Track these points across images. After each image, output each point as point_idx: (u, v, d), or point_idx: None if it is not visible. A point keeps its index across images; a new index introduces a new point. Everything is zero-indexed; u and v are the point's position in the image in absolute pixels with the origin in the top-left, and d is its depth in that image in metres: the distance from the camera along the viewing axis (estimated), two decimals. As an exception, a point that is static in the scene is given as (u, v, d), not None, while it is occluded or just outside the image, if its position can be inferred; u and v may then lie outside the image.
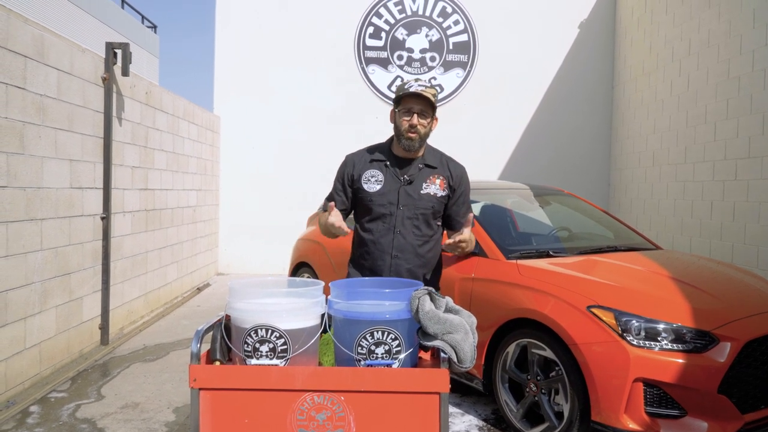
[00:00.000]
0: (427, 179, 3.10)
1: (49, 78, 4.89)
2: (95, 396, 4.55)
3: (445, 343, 2.22)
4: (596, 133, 10.86)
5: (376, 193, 3.07)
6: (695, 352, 3.36)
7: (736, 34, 6.90)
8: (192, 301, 8.23)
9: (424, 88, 3.00)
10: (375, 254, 3.09)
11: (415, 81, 3.04)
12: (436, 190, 3.10)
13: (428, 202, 3.08)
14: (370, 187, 3.08)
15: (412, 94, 2.98)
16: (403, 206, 3.05)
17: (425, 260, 3.14)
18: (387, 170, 3.09)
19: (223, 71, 10.60)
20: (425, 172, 3.11)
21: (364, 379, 2.18)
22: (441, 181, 3.12)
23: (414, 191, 3.07)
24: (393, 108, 3.12)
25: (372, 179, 3.09)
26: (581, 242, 5.04)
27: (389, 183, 3.07)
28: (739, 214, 6.76)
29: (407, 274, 3.07)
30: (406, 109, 3.01)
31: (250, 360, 2.21)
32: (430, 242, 3.15)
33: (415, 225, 3.07)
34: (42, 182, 4.80)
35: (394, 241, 3.06)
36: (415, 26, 10.65)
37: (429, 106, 3.03)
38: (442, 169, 3.16)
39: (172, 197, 7.96)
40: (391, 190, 3.06)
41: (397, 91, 3.08)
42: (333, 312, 2.32)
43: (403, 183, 3.07)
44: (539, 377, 3.78)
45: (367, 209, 3.10)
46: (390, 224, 3.06)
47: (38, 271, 4.78)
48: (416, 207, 3.06)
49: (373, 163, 3.13)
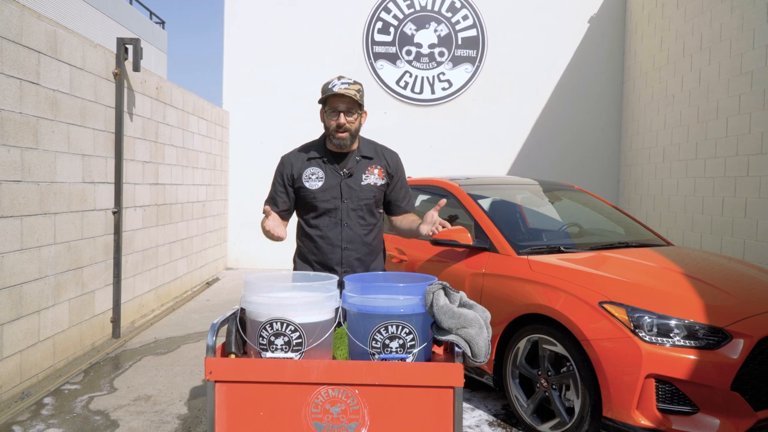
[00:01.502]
0: (365, 170, 3.18)
1: (61, 73, 4.92)
2: (108, 388, 4.58)
3: (460, 337, 2.23)
4: (605, 128, 10.82)
5: (318, 190, 3.11)
6: (708, 348, 3.34)
7: (749, 28, 6.86)
8: (202, 295, 8.26)
9: (347, 86, 3.03)
10: (325, 248, 3.14)
11: (338, 80, 3.07)
12: (375, 179, 3.19)
13: (370, 192, 3.16)
14: (311, 184, 3.13)
15: (336, 94, 3.02)
16: (346, 199, 3.12)
17: (372, 248, 3.24)
18: (326, 166, 3.14)
19: (232, 67, 10.62)
20: (363, 163, 3.18)
21: (378, 372, 2.19)
22: (379, 171, 3.21)
23: (355, 183, 3.14)
24: (321, 108, 3.14)
25: (313, 176, 3.14)
26: (592, 238, 5.03)
27: (330, 178, 3.12)
28: (751, 211, 6.73)
29: (357, 264, 3.17)
30: (332, 110, 3.06)
31: (265, 353, 2.23)
32: (374, 230, 3.24)
33: (360, 216, 3.16)
34: (55, 177, 4.83)
35: (342, 234, 3.13)
36: (424, 21, 10.63)
37: (354, 103, 3.07)
38: (378, 158, 3.24)
39: (182, 192, 8.00)
40: (333, 186, 3.12)
41: (322, 91, 3.09)
42: (347, 306, 2.33)
43: (343, 177, 3.13)
44: (550, 373, 3.78)
45: (311, 206, 3.15)
46: (336, 218, 3.13)
47: (51, 265, 4.81)
48: (359, 198, 3.14)
49: (311, 161, 3.17)
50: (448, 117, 10.67)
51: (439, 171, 9.64)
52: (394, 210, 3.34)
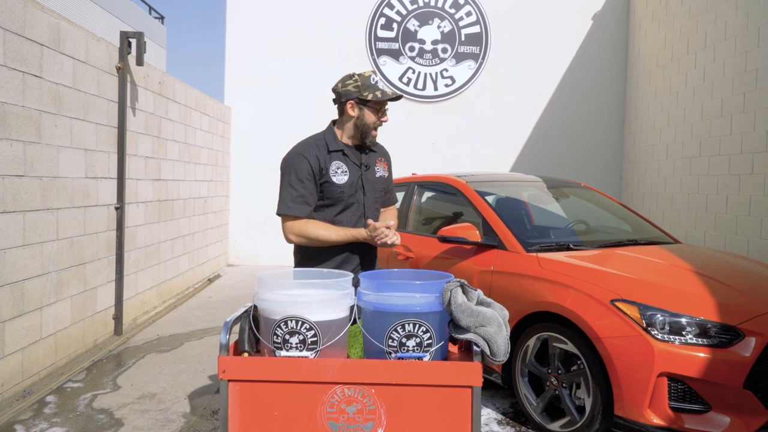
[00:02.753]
0: (376, 163, 3.20)
1: (64, 67, 4.87)
2: (111, 386, 4.54)
3: (478, 336, 2.19)
4: (609, 125, 10.79)
5: (345, 185, 3.05)
6: (720, 347, 3.31)
7: (754, 26, 6.82)
8: (203, 292, 8.22)
9: (392, 91, 3.13)
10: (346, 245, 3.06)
11: (377, 76, 3.10)
12: (383, 171, 3.23)
13: (381, 184, 3.21)
14: (339, 179, 3.05)
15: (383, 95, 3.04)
16: (368, 192, 3.13)
17: None
18: (347, 159, 3.10)
19: (234, 62, 10.57)
20: (372, 156, 3.19)
21: (395, 371, 2.15)
22: (384, 163, 3.25)
23: (371, 176, 3.16)
24: (353, 101, 3.03)
25: (339, 171, 3.07)
26: (600, 235, 4.99)
27: (353, 172, 3.09)
28: (756, 209, 6.70)
29: (372, 253, 3.18)
30: (377, 107, 3.05)
31: (280, 352, 2.18)
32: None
33: (376, 207, 3.19)
34: (58, 172, 4.78)
35: (364, 227, 3.08)
36: (427, 17, 10.58)
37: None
38: (380, 152, 3.27)
39: (184, 188, 7.94)
40: (356, 179, 3.10)
41: (365, 86, 3.01)
42: (363, 304, 2.29)
43: (362, 170, 3.12)
44: (560, 371, 3.75)
45: (337, 201, 3.06)
46: (359, 212, 3.11)
47: (54, 261, 4.76)
48: (375, 190, 3.17)
49: (332, 154, 3.08)
50: (452, 113, 10.62)
51: (442, 168, 9.59)
52: (385, 202, 3.34)
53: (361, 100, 3.03)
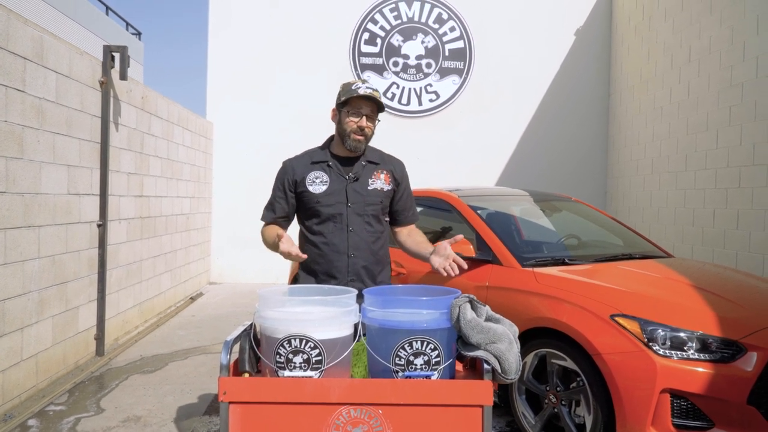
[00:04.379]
0: (372, 175, 3.08)
1: (48, 81, 4.74)
2: (95, 409, 4.38)
3: (489, 353, 2.12)
4: (593, 140, 10.84)
5: (322, 194, 3.00)
6: (723, 362, 3.26)
7: (739, 40, 6.88)
8: (186, 311, 8.05)
9: (372, 90, 2.98)
10: (330, 256, 3.00)
11: (362, 83, 3.00)
12: (382, 184, 3.08)
13: (376, 198, 3.06)
14: (315, 188, 3.01)
15: (361, 96, 2.94)
16: (352, 204, 3.01)
17: (379, 257, 3.12)
18: (331, 170, 3.04)
19: (216, 77, 10.47)
20: (369, 168, 3.09)
21: (403, 391, 2.07)
22: (386, 176, 3.11)
23: (361, 188, 3.03)
24: (336, 107, 3.06)
25: (317, 180, 3.02)
26: (594, 249, 4.95)
27: (335, 182, 3.01)
28: (744, 222, 6.72)
29: (364, 273, 3.04)
30: (355, 111, 2.97)
31: (283, 372, 2.09)
32: (381, 238, 3.13)
33: (366, 222, 3.04)
34: (40, 188, 4.64)
35: (348, 240, 3.00)
36: (411, 32, 10.58)
37: (376, 108, 3.02)
38: (384, 164, 3.16)
39: (167, 204, 7.80)
40: (338, 190, 3.01)
41: (343, 91, 3.00)
42: (368, 321, 2.21)
43: (349, 180, 3.02)
44: (559, 388, 3.68)
45: (314, 212, 3.03)
46: (342, 224, 3.00)
47: (35, 280, 4.61)
48: (365, 203, 3.03)
49: (315, 164, 3.06)
50: (436, 129, 10.60)
51: (428, 183, 9.53)
52: (400, 220, 3.23)
53: (339, 105, 3.02)
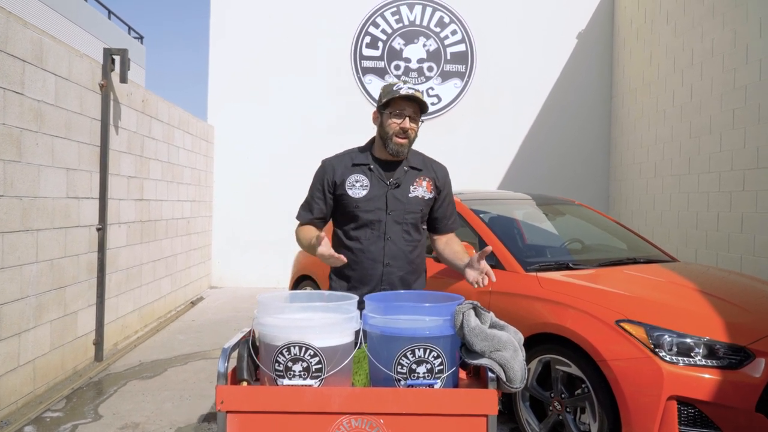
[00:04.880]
0: (413, 182, 2.96)
1: (47, 83, 4.70)
2: (92, 416, 4.33)
3: (493, 361, 2.06)
4: (595, 143, 10.79)
5: (362, 199, 2.89)
6: (730, 368, 3.21)
7: (741, 43, 6.84)
8: (186, 315, 7.99)
9: (414, 90, 2.86)
10: (365, 263, 2.91)
11: (403, 83, 2.88)
12: (423, 192, 2.97)
13: (417, 206, 2.95)
14: (355, 192, 2.90)
15: (403, 97, 2.82)
16: (391, 211, 2.90)
17: (415, 266, 3.02)
18: (372, 174, 2.92)
19: (217, 81, 10.44)
20: (411, 174, 2.97)
21: (405, 400, 2.02)
22: (428, 183, 2.99)
23: (402, 195, 2.92)
24: (377, 109, 2.95)
25: (357, 184, 2.91)
26: (598, 254, 4.90)
27: (375, 188, 2.91)
28: (748, 226, 6.67)
29: (399, 282, 2.94)
30: (396, 113, 2.84)
31: (282, 380, 2.04)
32: (418, 247, 3.02)
33: (405, 230, 2.94)
34: (38, 191, 4.60)
35: (385, 248, 2.90)
36: (413, 36, 10.55)
37: (419, 109, 2.90)
38: (427, 170, 3.03)
39: (167, 208, 7.76)
40: (378, 196, 2.90)
41: (385, 92, 2.89)
42: (369, 328, 2.15)
43: (390, 187, 2.91)
44: (563, 395, 3.62)
45: (353, 216, 2.92)
46: (379, 231, 2.91)
47: (33, 284, 4.56)
48: (405, 211, 2.92)
49: (356, 167, 2.94)
50: (438, 132, 10.55)
51: (429, 187, 9.49)
52: (440, 227, 3.10)
53: (380, 107, 2.91)
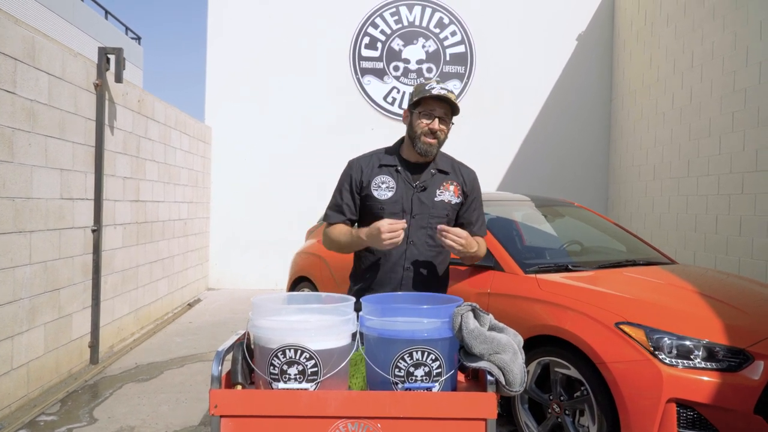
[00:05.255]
0: (440, 185, 2.89)
1: (39, 82, 4.66)
2: (87, 419, 4.28)
3: (493, 364, 2.02)
4: (595, 146, 10.76)
5: (387, 201, 2.82)
6: (730, 370, 3.18)
7: (742, 45, 6.81)
8: (183, 317, 7.95)
9: (447, 92, 2.80)
10: (385, 267, 2.84)
11: (436, 82, 2.83)
12: (450, 197, 2.89)
13: (442, 210, 2.87)
14: (380, 194, 2.83)
15: (435, 97, 2.77)
16: (416, 214, 2.83)
17: (437, 273, 2.94)
18: (398, 176, 2.86)
19: (215, 81, 10.40)
20: (438, 177, 2.90)
21: (403, 404, 1.97)
22: (455, 188, 2.92)
23: (428, 198, 2.85)
24: (408, 109, 2.90)
25: (383, 185, 2.85)
26: (597, 256, 4.87)
27: (401, 190, 2.84)
28: (746, 228, 6.64)
29: (420, 288, 2.86)
30: (427, 112, 2.79)
31: (277, 384, 1.99)
32: (442, 254, 2.94)
33: (429, 235, 2.85)
34: (32, 192, 4.55)
35: (407, 252, 2.82)
36: (412, 37, 10.52)
37: (450, 110, 2.83)
38: (454, 174, 2.96)
39: (164, 209, 7.71)
40: (404, 198, 2.83)
41: (416, 92, 2.84)
42: (366, 330, 2.11)
43: (416, 190, 2.85)
44: (562, 397, 3.59)
45: (377, 218, 2.81)
46: (403, 234, 2.79)
47: (27, 287, 4.51)
48: (430, 215, 2.85)
49: (383, 168, 2.89)
50: (435, 134, 10.52)
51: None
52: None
53: (411, 106, 2.86)
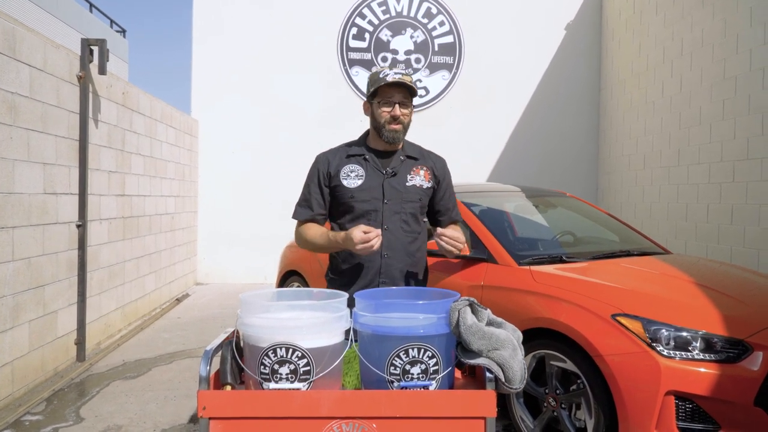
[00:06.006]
0: (411, 171, 2.88)
1: (20, 75, 4.54)
2: (74, 418, 4.19)
3: (491, 360, 1.96)
4: (584, 136, 10.73)
5: (357, 189, 2.79)
6: (729, 362, 3.13)
7: (732, 33, 6.78)
8: (171, 312, 7.84)
9: (402, 75, 2.76)
10: (363, 256, 2.77)
11: (390, 69, 2.80)
12: (421, 181, 2.88)
13: (415, 195, 2.86)
14: (350, 182, 2.80)
15: (391, 84, 2.74)
16: (388, 200, 2.80)
17: (416, 259, 2.91)
18: (367, 164, 2.84)
19: (201, 74, 10.25)
20: (408, 163, 2.89)
21: (399, 403, 1.91)
22: (425, 172, 2.91)
23: (399, 184, 2.83)
24: (367, 100, 2.87)
25: (352, 174, 2.82)
26: (591, 246, 4.82)
27: (371, 177, 2.82)
28: (738, 217, 6.62)
29: (400, 276, 2.83)
30: (385, 100, 2.77)
31: (268, 384, 1.92)
32: (418, 240, 2.91)
33: (403, 220, 2.83)
34: (13, 187, 4.44)
35: (383, 239, 2.74)
36: (400, 27, 10.42)
37: (409, 94, 2.80)
38: (424, 160, 2.95)
39: (150, 204, 7.60)
40: (374, 185, 2.81)
41: (372, 81, 2.81)
42: (359, 327, 2.04)
43: (386, 175, 2.82)
44: (558, 391, 3.54)
45: (348, 207, 2.81)
46: (376, 221, 2.79)
47: (9, 284, 4.41)
48: (403, 200, 2.83)
49: (351, 158, 2.86)
50: (426, 125, 10.43)
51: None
52: (443, 220, 3.01)
53: (369, 96, 2.84)
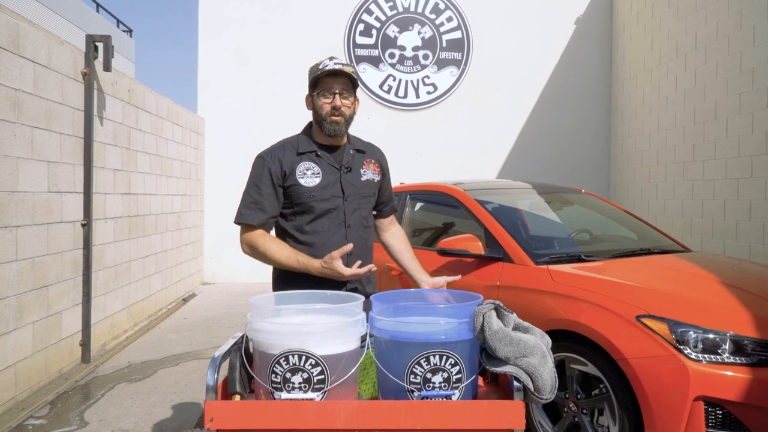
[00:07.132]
0: (362, 165, 2.79)
1: (24, 71, 4.43)
2: (78, 422, 4.08)
3: (519, 368, 1.83)
4: (595, 131, 10.56)
5: (316, 188, 2.64)
6: (760, 365, 2.99)
7: (748, 25, 6.61)
8: (178, 313, 7.74)
9: (342, 65, 2.64)
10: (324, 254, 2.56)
11: (329, 59, 2.68)
12: (372, 175, 2.82)
13: (370, 189, 2.80)
14: (308, 181, 2.64)
15: (329, 73, 2.62)
16: (348, 197, 2.69)
17: (371, 253, 2.85)
18: (320, 160, 2.70)
19: (207, 72, 10.14)
20: (358, 157, 2.80)
21: (420, 414, 1.78)
22: (374, 166, 2.84)
23: (355, 179, 2.73)
24: (308, 93, 2.75)
25: (308, 172, 2.66)
26: (609, 245, 4.67)
27: (328, 174, 2.68)
28: (757, 213, 6.46)
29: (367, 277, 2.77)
30: (325, 91, 2.64)
31: (280, 393, 1.80)
32: (371, 233, 2.86)
33: (362, 215, 2.75)
34: (17, 186, 4.33)
35: (347, 237, 2.65)
36: (407, 23, 10.28)
37: (350, 84, 2.68)
38: (370, 153, 2.88)
39: (156, 202, 7.49)
40: (333, 182, 2.67)
41: (311, 72, 2.70)
42: (376, 332, 1.92)
43: (342, 172, 2.71)
44: (579, 395, 3.40)
45: (307, 207, 2.65)
46: (338, 219, 2.67)
47: (13, 284, 4.30)
48: (360, 196, 2.74)
49: (303, 155, 2.70)
50: (434, 122, 10.31)
51: (426, 177, 9.25)
52: (385, 211, 2.98)
53: (310, 88, 2.73)
